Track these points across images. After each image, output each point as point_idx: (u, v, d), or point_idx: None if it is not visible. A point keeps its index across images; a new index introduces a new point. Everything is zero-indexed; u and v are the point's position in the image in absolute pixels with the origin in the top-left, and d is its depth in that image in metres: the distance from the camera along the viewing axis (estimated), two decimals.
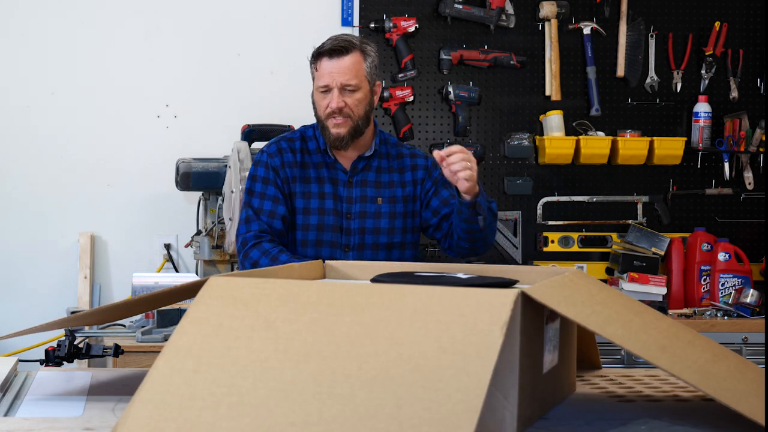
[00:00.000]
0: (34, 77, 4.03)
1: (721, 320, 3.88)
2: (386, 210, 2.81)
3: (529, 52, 4.22)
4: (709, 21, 4.28)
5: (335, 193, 2.80)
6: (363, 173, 2.83)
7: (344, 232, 2.79)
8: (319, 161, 2.82)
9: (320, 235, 2.77)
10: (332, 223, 2.78)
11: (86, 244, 4.01)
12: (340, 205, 2.79)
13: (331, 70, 2.73)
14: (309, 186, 2.80)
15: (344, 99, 2.73)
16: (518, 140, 4.20)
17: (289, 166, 2.80)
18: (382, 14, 4.14)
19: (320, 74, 2.75)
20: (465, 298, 1.46)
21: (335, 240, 2.78)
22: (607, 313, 1.61)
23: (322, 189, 2.80)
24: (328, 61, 2.74)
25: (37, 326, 1.98)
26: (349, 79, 2.72)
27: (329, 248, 2.77)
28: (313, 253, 2.76)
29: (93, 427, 1.63)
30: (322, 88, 2.74)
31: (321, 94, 2.76)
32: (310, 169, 2.81)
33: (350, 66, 2.73)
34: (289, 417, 1.34)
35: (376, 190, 2.83)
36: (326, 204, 2.79)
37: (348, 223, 2.79)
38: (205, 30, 4.11)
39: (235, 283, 1.61)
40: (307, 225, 2.77)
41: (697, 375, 1.52)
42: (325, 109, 2.75)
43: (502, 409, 1.48)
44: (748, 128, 4.25)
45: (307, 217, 2.78)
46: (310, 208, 2.78)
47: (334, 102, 2.72)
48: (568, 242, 4.24)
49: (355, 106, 2.75)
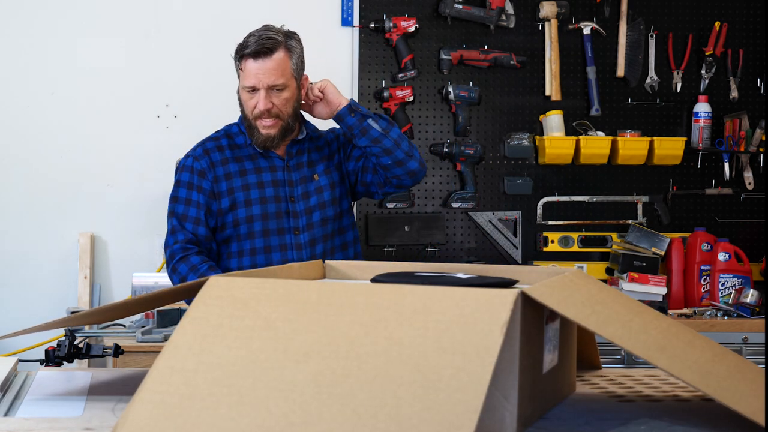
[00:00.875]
0: (34, 77, 4.03)
1: (721, 320, 3.88)
2: (325, 182, 2.83)
3: (529, 52, 4.22)
4: (709, 21, 4.29)
5: (274, 179, 2.79)
6: (298, 157, 2.84)
7: (291, 215, 2.78)
8: (252, 152, 2.82)
9: (265, 224, 2.77)
10: (275, 210, 2.77)
11: (86, 244, 4.01)
12: (282, 190, 2.79)
13: (257, 71, 2.70)
14: (247, 178, 2.79)
15: (272, 99, 2.72)
16: (518, 140, 4.20)
17: (220, 165, 2.79)
18: (382, 14, 4.14)
19: (246, 75, 2.72)
20: (465, 298, 1.46)
21: (282, 226, 2.78)
22: (607, 313, 1.61)
23: (261, 179, 2.79)
24: (253, 62, 2.71)
25: (37, 326, 1.98)
26: (275, 80, 2.70)
27: (277, 236, 2.77)
28: (262, 244, 2.76)
29: (93, 427, 1.63)
30: (249, 88, 2.72)
31: (247, 93, 2.74)
32: (245, 162, 2.81)
33: (276, 66, 2.70)
34: (289, 417, 1.34)
35: (310, 169, 2.83)
36: (266, 192, 2.78)
37: (294, 207, 2.79)
38: (205, 30, 4.11)
39: (235, 283, 1.61)
40: (251, 216, 2.76)
41: (696, 375, 1.52)
42: (253, 110, 2.73)
43: (502, 409, 1.48)
44: (748, 128, 4.25)
45: (250, 208, 2.77)
46: (251, 199, 2.77)
47: (261, 103, 2.71)
48: (568, 242, 4.24)
49: (283, 105, 2.74)
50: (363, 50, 4.15)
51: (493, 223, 4.22)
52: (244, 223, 2.77)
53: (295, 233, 2.77)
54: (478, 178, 4.21)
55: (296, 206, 2.79)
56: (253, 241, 2.76)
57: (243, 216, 2.77)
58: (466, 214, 4.22)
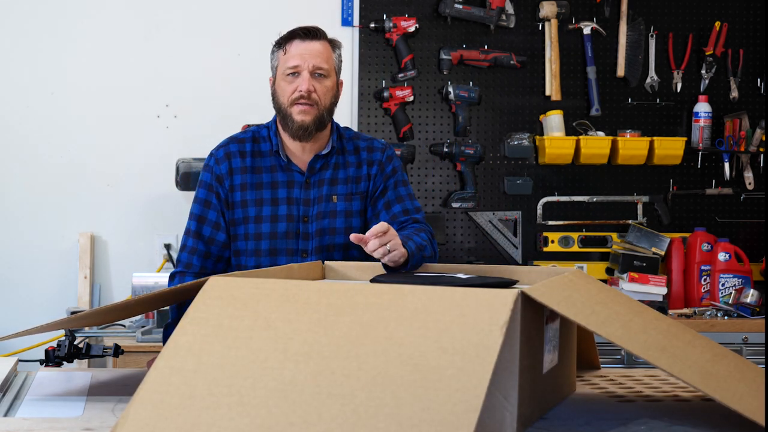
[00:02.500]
0: (34, 77, 4.03)
1: (721, 320, 3.88)
2: (342, 208, 2.66)
3: (529, 52, 4.22)
4: (709, 21, 4.28)
5: (289, 197, 2.65)
6: (320, 173, 2.67)
7: (301, 237, 2.64)
8: (273, 164, 2.68)
9: (274, 243, 2.63)
10: (285, 230, 2.64)
11: (86, 244, 4.01)
12: (296, 209, 2.64)
13: (303, 51, 2.60)
14: (261, 192, 2.66)
15: (314, 83, 2.60)
16: (518, 140, 4.20)
17: (239, 173, 2.67)
18: (382, 14, 4.14)
19: (290, 56, 2.61)
20: (465, 298, 1.46)
21: (291, 247, 2.64)
22: (607, 313, 1.61)
23: (275, 195, 2.66)
24: (300, 42, 2.61)
25: (37, 326, 1.98)
26: (321, 63, 2.60)
27: (285, 256, 2.64)
28: (268, 263, 2.63)
29: (93, 427, 1.63)
30: (291, 69, 2.60)
31: (288, 77, 2.61)
32: (263, 174, 2.67)
33: (322, 50, 2.62)
34: (289, 417, 1.34)
35: (331, 188, 2.67)
36: (279, 210, 2.64)
37: (306, 227, 2.64)
38: (205, 30, 4.11)
39: (235, 283, 1.61)
40: (260, 234, 2.64)
41: (697, 375, 1.52)
42: (292, 94, 2.60)
43: (502, 409, 1.48)
44: (748, 128, 4.25)
45: (259, 225, 2.64)
46: (262, 216, 2.64)
47: (304, 84, 2.58)
48: (568, 242, 4.24)
49: (324, 93, 2.62)
50: (363, 50, 4.15)
51: (493, 223, 4.22)
52: (253, 239, 2.64)
53: (303, 255, 2.63)
54: (478, 178, 4.21)
55: (309, 227, 2.64)
56: (259, 259, 2.65)
57: (252, 232, 2.64)
58: (466, 214, 4.22)
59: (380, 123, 4.16)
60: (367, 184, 2.68)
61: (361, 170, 2.69)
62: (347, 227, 2.64)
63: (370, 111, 4.15)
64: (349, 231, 2.61)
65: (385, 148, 2.72)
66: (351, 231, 2.61)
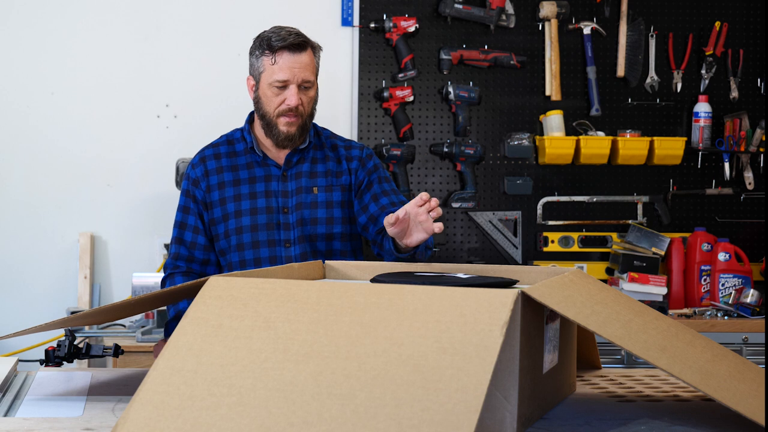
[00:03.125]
0: (34, 77, 4.03)
1: (721, 320, 3.88)
2: (323, 199, 2.71)
3: (529, 52, 4.22)
4: (709, 21, 4.29)
5: (267, 190, 2.71)
6: (298, 166, 2.73)
7: (282, 227, 2.69)
8: (249, 161, 2.73)
9: (255, 236, 2.68)
10: (265, 221, 2.69)
11: (86, 244, 4.01)
12: (275, 201, 2.70)
13: (293, 64, 2.62)
14: (239, 188, 2.71)
15: (301, 96, 2.64)
16: (518, 140, 4.20)
17: (215, 173, 2.72)
18: (382, 14, 4.14)
19: (279, 68, 2.62)
20: (465, 298, 1.46)
21: (272, 238, 2.69)
22: (607, 313, 1.61)
23: (254, 189, 2.71)
24: (290, 55, 2.62)
25: (37, 326, 1.98)
26: (308, 76, 2.63)
27: (267, 248, 2.68)
28: (252, 256, 2.68)
29: (93, 427, 1.63)
30: (280, 83, 2.62)
31: (275, 89, 2.64)
32: (240, 171, 2.73)
33: (309, 62, 2.64)
34: (289, 417, 1.34)
35: (310, 180, 2.72)
36: (258, 203, 2.70)
37: (286, 218, 2.69)
38: (205, 30, 4.11)
39: (235, 283, 1.61)
40: (241, 228, 2.69)
41: (697, 375, 1.52)
42: (279, 106, 2.64)
43: (502, 409, 1.48)
44: (748, 128, 4.25)
45: (239, 219, 2.69)
46: (241, 210, 2.69)
47: (293, 98, 2.62)
48: (568, 242, 4.24)
49: (308, 103, 2.67)
50: (363, 50, 4.15)
51: (493, 223, 4.22)
52: (234, 234, 2.69)
53: (286, 246, 2.68)
54: (478, 178, 4.21)
55: (288, 218, 2.69)
56: (242, 253, 2.69)
57: (233, 227, 2.69)
58: (466, 214, 4.22)
59: (380, 123, 4.16)
60: (349, 177, 2.75)
61: (341, 165, 2.76)
62: (329, 217, 2.71)
63: (370, 111, 4.15)
64: (331, 221, 2.70)
65: (363, 147, 2.81)
66: (333, 221, 2.71)
